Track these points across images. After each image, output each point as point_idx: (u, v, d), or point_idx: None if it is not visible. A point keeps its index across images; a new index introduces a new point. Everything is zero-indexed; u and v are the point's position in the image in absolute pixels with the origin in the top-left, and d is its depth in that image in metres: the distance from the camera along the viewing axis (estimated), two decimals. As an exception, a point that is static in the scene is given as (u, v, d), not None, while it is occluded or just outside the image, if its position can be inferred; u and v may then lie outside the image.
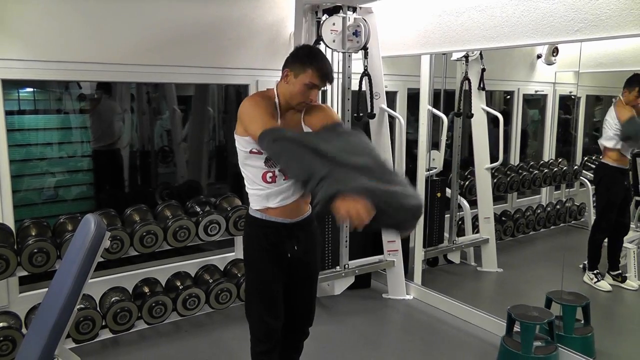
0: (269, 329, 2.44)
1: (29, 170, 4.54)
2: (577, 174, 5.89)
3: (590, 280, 4.57)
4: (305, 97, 2.27)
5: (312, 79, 2.23)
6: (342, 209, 1.83)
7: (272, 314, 2.44)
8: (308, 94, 2.26)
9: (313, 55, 2.29)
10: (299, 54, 2.31)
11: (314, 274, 2.61)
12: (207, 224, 3.87)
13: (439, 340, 3.81)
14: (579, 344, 3.39)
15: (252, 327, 2.50)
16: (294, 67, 2.27)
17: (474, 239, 5.13)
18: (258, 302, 2.45)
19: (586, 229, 5.77)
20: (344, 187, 1.89)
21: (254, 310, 2.46)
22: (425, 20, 3.92)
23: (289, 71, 2.28)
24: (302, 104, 2.30)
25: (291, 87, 2.27)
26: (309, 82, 2.23)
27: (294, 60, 2.28)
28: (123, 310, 3.59)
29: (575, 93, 5.52)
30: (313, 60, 2.26)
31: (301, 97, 2.26)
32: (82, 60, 3.59)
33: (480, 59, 4.82)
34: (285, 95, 2.30)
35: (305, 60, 2.25)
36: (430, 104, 4.47)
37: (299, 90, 2.25)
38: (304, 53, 2.31)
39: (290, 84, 2.27)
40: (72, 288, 2.03)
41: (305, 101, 2.28)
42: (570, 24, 3.01)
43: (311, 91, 2.26)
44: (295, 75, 2.25)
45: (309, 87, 2.25)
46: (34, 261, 3.28)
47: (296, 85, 2.25)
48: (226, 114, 5.84)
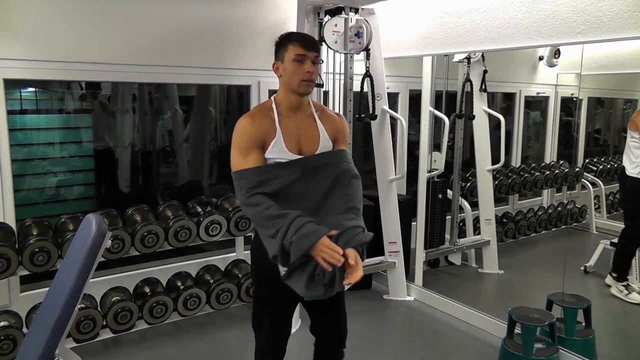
0: (276, 344, 2.40)
1: (30, 169, 4.54)
2: (579, 176, 5.88)
3: (620, 292, 4.40)
4: (301, 73, 2.16)
5: (296, 50, 2.15)
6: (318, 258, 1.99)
7: (280, 332, 2.39)
8: (302, 69, 2.16)
9: (288, 35, 2.24)
10: (277, 44, 2.26)
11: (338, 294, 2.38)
12: (208, 224, 3.88)
13: (439, 342, 3.81)
14: (580, 347, 3.38)
15: (258, 340, 2.44)
16: (277, 55, 2.23)
17: (475, 241, 5.13)
18: (267, 319, 2.37)
19: (587, 231, 5.78)
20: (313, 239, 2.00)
21: (262, 326, 2.39)
22: (427, 22, 3.92)
23: (276, 62, 2.24)
24: (304, 83, 2.18)
25: (285, 74, 2.19)
26: (295, 55, 2.15)
27: (276, 51, 2.25)
28: (124, 310, 3.59)
29: (577, 95, 5.52)
30: (289, 36, 2.22)
31: (297, 75, 2.16)
32: (84, 61, 3.60)
33: (482, 60, 4.82)
34: (287, 87, 2.21)
35: (283, 42, 2.21)
36: (432, 106, 4.47)
37: (292, 70, 2.16)
38: (279, 39, 2.26)
39: (283, 72, 2.20)
40: (73, 287, 2.03)
41: (305, 78, 2.17)
42: (572, 26, 3.01)
43: (303, 65, 2.16)
44: (282, 61, 2.20)
45: (298, 61, 2.15)
46: (35, 260, 3.29)
47: (287, 67, 2.18)
48: (228, 115, 5.84)
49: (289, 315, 2.40)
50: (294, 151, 2.19)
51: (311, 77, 2.17)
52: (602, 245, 4.83)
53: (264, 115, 2.20)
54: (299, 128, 2.23)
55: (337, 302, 2.40)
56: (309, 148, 2.22)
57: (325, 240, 2.00)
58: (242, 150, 2.15)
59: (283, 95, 2.25)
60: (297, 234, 2.00)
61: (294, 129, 2.22)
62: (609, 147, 6.60)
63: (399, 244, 4.40)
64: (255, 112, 2.23)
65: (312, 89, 2.23)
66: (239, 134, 2.18)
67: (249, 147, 2.15)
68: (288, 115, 2.24)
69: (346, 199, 2.18)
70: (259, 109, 2.25)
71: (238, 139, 2.17)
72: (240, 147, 2.16)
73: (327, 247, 1.99)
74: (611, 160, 6.19)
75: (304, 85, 2.18)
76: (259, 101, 4.38)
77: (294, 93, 2.21)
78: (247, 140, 2.15)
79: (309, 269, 2.07)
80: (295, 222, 2.02)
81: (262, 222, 2.08)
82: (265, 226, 2.07)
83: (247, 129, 2.16)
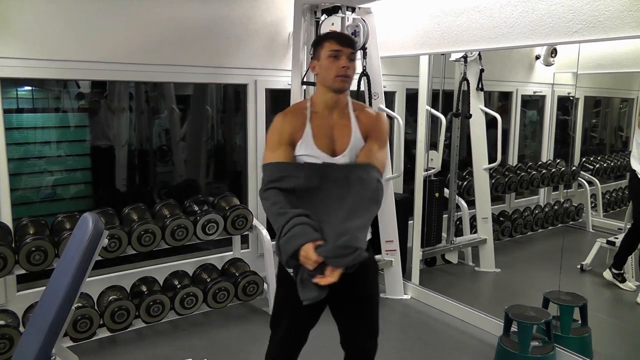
0: (287, 351, 2.37)
1: (27, 168, 4.53)
2: (575, 175, 5.90)
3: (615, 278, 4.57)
4: (337, 68, 2.16)
5: (331, 46, 2.17)
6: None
7: (294, 338, 2.36)
8: (337, 64, 2.16)
9: (324, 34, 2.33)
10: (313, 44, 2.30)
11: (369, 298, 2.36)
12: (205, 223, 3.87)
13: (436, 340, 3.82)
14: (576, 344, 3.40)
15: (271, 342, 2.40)
16: (314, 54, 2.26)
17: (472, 239, 5.13)
18: (284, 322, 2.34)
19: (584, 230, 5.80)
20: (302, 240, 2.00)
21: (278, 328, 2.36)
22: (424, 21, 3.92)
23: (314, 61, 2.26)
24: (340, 78, 2.17)
25: (321, 71, 2.21)
26: (330, 51, 2.17)
27: (313, 51, 2.28)
28: (121, 309, 3.58)
29: (573, 94, 5.54)
30: (325, 35, 2.28)
31: (332, 71, 2.17)
32: (80, 59, 3.60)
33: (479, 59, 4.83)
34: (322, 84, 2.24)
35: (319, 41, 2.25)
36: (428, 105, 4.48)
37: (327, 66, 2.18)
38: (316, 39, 2.32)
39: (320, 70, 2.22)
40: (70, 286, 2.03)
41: (340, 73, 2.17)
42: (569, 25, 3.02)
43: (338, 60, 2.17)
44: (318, 59, 2.22)
45: (334, 57, 2.17)
46: (31, 259, 3.28)
47: (322, 64, 2.20)
48: (224, 114, 5.84)
49: (307, 325, 2.35)
50: (325, 150, 2.19)
51: (346, 72, 2.17)
52: (599, 244, 4.85)
53: (297, 113, 2.24)
54: (333, 127, 2.24)
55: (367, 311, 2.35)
56: (340, 147, 2.22)
57: (307, 246, 1.98)
58: (271, 146, 2.20)
59: (319, 94, 2.26)
60: (286, 235, 2.01)
61: (327, 128, 2.23)
62: (606, 146, 6.62)
63: (396, 243, 4.41)
64: (289, 110, 2.31)
65: (348, 85, 2.23)
66: (270, 130, 2.25)
67: (278, 143, 2.19)
68: (323, 114, 2.24)
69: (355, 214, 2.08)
70: (294, 107, 2.32)
71: (270, 135, 2.24)
72: (270, 143, 2.22)
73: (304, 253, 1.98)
74: (607, 158, 6.21)
75: (339, 80, 2.18)
76: (256, 100, 4.39)
77: (329, 90, 2.21)
78: (277, 137, 2.20)
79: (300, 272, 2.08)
80: (289, 223, 2.02)
81: (270, 218, 2.13)
82: (272, 222, 2.11)
83: (278, 125, 2.22)
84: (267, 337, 2.36)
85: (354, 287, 2.24)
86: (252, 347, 3.60)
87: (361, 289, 2.30)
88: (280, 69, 4.42)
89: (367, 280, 2.32)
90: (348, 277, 2.03)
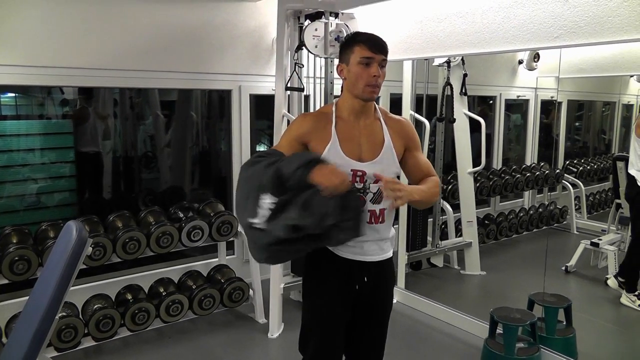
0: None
1: (10, 176, 4.50)
2: (559, 178, 5.96)
3: (633, 302, 4.35)
4: (367, 77, 2.05)
5: (362, 52, 2.05)
6: (318, 177, 1.86)
7: (329, 353, 2.21)
8: (367, 72, 2.04)
9: (354, 35, 2.16)
10: (342, 45, 2.17)
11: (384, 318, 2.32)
12: (190, 230, 3.86)
13: (422, 344, 3.83)
14: (561, 345, 3.43)
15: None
16: (343, 57, 2.14)
17: (457, 243, 5.16)
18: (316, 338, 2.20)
19: (568, 232, 5.86)
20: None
21: (310, 347, 2.21)
22: (407, 26, 3.94)
23: (341, 65, 2.14)
24: (370, 88, 2.07)
25: (350, 76, 2.09)
26: (361, 58, 2.05)
27: (341, 53, 2.16)
28: (106, 317, 3.56)
29: (556, 98, 5.60)
30: (356, 37, 2.12)
31: (362, 79, 2.06)
32: (65, 66, 3.58)
33: (462, 64, 4.86)
34: (350, 91, 2.13)
35: (349, 43, 2.11)
36: (412, 109, 4.50)
37: (357, 73, 2.06)
38: (345, 40, 2.18)
39: (348, 75, 2.10)
40: (54, 296, 2.01)
41: (370, 82, 2.06)
42: (550, 31, 3.05)
43: (369, 68, 2.05)
44: (347, 63, 2.10)
45: (364, 64, 2.05)
46: (14, 269, 3.25)
47: (352, 70, 2.08)
48: (209, 119, 5.83)
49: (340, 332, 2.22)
50: (353, 157, 2.09)
51: (377, 81, 2.07)
52: (583, 245, 4.89)
53: (321, 118, 2.15)
54: (361, 134, 2.14)
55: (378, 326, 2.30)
56: (369, 153, 2.12)
57: (324, 165, 1.91)
58: (283, 139, 2.17)
59: (346, 99, 2.16)
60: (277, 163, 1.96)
61: (356, 135, 2.13)
62: (589, 149, 6.70)
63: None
64: (313, 112, 2.28)
65: (376, 95, 2.14)
66: (289, 126, 2.27)
67: (289, 139, 2.14)
68: (349, 120, 2.15)
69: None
70: (318, 111, 2.26)
71: (287, 130, 2.23)
72: (284, 136, 2.18)
73: (326, 170, 1.88)
74: (591, 161, 6.28)
75: (369, 90, 2.08)
76: (240, 106, 4.39)
77: (357, 98, 2.12)
78: (290, 133, 2.16)
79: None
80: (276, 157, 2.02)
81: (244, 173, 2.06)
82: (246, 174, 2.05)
83: (296, 124, 2.19)
84: (252, 342, 2.34)
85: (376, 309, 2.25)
86: (238, 354, 3.59)
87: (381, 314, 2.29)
88: (264, 74, 4.43)
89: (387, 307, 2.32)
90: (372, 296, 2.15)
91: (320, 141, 2.09)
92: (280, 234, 1.88)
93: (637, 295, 4.37)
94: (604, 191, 6.18)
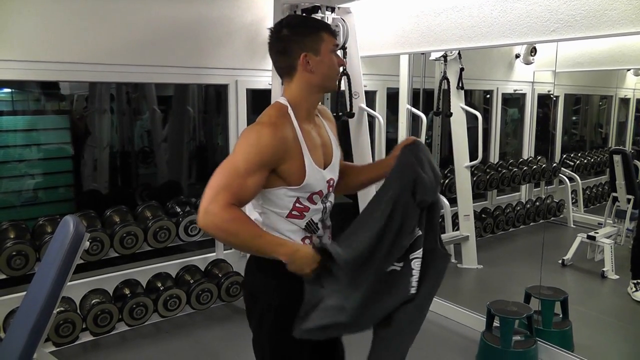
0: None
1: (7, 172, 4.49)
2: (556, 172, 5.96)
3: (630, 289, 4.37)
4: (338, 67, 1.84)
5: (331, 40, 1.81)
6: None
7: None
8: (338, 61, 1.84)
9: (314, 21, 1.92)
10: (298, 28, 1.80)
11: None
12: (188, 225, 3.87)
13: (419, 337, 3.79)
14: (558, 338, 3.45)
15: None
16: (309, 43, 1.77)
17: (454, 236, 5.17)
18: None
19: (565, 225, 5.86)
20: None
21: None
22: (404, 21, 3.94)
23: (308, 55, 1.76)
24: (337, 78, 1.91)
25: (323, 67, 1.79)
26: (332, 46, 1.81)
27: (303, 37, 1.77)
28: (104, 312, 3.57)
29: (553, 92, 5.60)
30: (317, 23, 1.89)
31: (336, 69, 1.84)
32: (61, 61, 3.56)
33: (458, 58, 4.86)
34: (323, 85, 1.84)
35: (314, 30, 1.80)
36: (409, 103, 4.50)
37: (331, 62, 1.81)
38: (303, 23, 1.88)
39: (317, 65, 1.78)
40: (51, 290, 2.02)
41: (339, 72, 1.90)
42: (547, 25, 3.05)
43: (337, 57, 1.84)
44: (316, 52, 1.77)
45: (334, 52, 1.83)
46: (12, 264, 3.26)
47: (325, 59, 1.79)
48: (206, 114, 5.83)
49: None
50: (321, 165, 1.82)
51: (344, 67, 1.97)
52: (579, 239, 4.91)
53: (287, 127, 1.73)
54: (316, 135, 1.86)
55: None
56: (327, 158, 1.87)
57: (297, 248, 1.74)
58: (245, 166, 1.64)
59: (306, 95, 1.82)
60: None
61: (315, 137, 1.84)
62: (586, 143, 6.71)
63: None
64: (278, 121, 1.72)
65: None
66: (250, 143, 1.67)
67: (260, 164, 1.66)
68: (307, 123, 1.83)
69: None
70: (281, 115, 1.76)
71: (247, 149, 1.66)
72: (244, 160, 1.64)
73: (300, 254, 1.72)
74: (588, 155, 6.29)
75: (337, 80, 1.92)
76: (237, 100, 4.37)
77: (323, 90, 1.88)
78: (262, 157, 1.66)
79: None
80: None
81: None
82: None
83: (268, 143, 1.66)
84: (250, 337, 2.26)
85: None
86: (236, 348, 3.60)
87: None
88: (261, 68, 4.41)
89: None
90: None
91: (293, 160, 1.73)
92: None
93: (635, 284, 4.40)
94: (601, 185, 6.20)
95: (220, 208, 1.58)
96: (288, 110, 1.77)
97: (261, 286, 1.89)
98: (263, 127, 1.69)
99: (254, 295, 1.93)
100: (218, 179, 1.63)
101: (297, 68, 1.78)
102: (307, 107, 1.83)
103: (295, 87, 1.81)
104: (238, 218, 1.61)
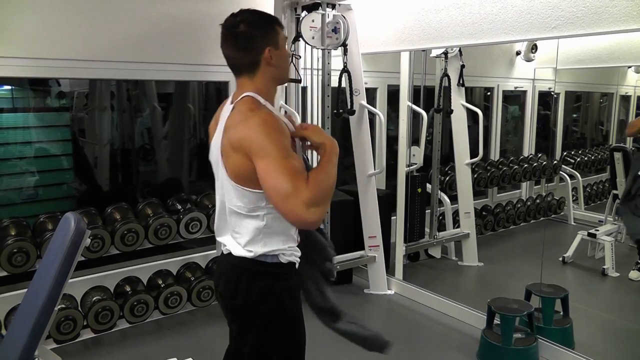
0: None
1: (7, 169, 4.49)
2: (557, 169, 5.97)
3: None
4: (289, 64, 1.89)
5: (283, 33, 1.85)
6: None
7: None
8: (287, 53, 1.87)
9: (267, 15, 1.87)
10: (258, 24, 1.80)
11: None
12: (188, 222, 3.87)
13: (420, 334, 3.84)
14: (558, 335, 3.45)
15: None
16: (270, 37, 1.79)
17: (455, 234, 5.17)
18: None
19: (565, 223, 5.88)
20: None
21: None
22: (404, 17, 3.94)
23: (270, 49, 1.77)
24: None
25: (282, 61, 1.82)
26: (285, 39, 1.86)
27: (264, 32, 1.78)
28: (105, 309, 3.57)
29: (554, 89, 5.60)
30: (270, 17, 1.86)
31: (289, 61, 1.89)
32: (61, 57, 3.56)
33: (459, 55, 4.86)
34: (281, 78, 1.87)
35: (271, 24, 1.82)
36: (410, 101, 4.50)
37: (287, 55, 1.85)
38: (261, 18, 1.84)
39: (277, 59, 1.80)
40: (52, 288, 2.02)
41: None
42: (548, 21, 3.05)
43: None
44: (276, 46, 1.79)
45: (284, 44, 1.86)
46: (13, 261, 3.26)
47: (283, 53, 1.82)
48: (207, 111, 5.82)
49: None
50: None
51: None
52: (580, 236, 4.92)
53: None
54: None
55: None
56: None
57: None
58: (288, 147, 1.65)
59: (271, 88, 1.85)
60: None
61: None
62: (586, 140, 6.71)
63: (379, 238, 4.42)
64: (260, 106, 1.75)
65: None
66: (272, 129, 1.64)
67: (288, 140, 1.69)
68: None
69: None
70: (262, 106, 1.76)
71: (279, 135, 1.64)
72: (285, 143, 1.65)
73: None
74: (588, 152, 6.29)
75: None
76: (238, 98, 4.36)
77: (282, 82, 1.93)
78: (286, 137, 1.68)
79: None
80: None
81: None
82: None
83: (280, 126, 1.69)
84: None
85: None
86: (237, 345, 3.61)
87: None
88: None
89: None
90: None
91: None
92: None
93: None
94: (601, 182, 6.20)
95: (308, 195, 1.57)
96: (262, 102, 1.77)
97: (262, 294, 1.83)
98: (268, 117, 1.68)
99: (250, 305, 1.85)
100: (279, 180, 1.58)
101: (261, 63, 1.78)
102: (272, 100, 1.83)
103: (261, 81, 1.80)
104: (317, 185, 1.61)
